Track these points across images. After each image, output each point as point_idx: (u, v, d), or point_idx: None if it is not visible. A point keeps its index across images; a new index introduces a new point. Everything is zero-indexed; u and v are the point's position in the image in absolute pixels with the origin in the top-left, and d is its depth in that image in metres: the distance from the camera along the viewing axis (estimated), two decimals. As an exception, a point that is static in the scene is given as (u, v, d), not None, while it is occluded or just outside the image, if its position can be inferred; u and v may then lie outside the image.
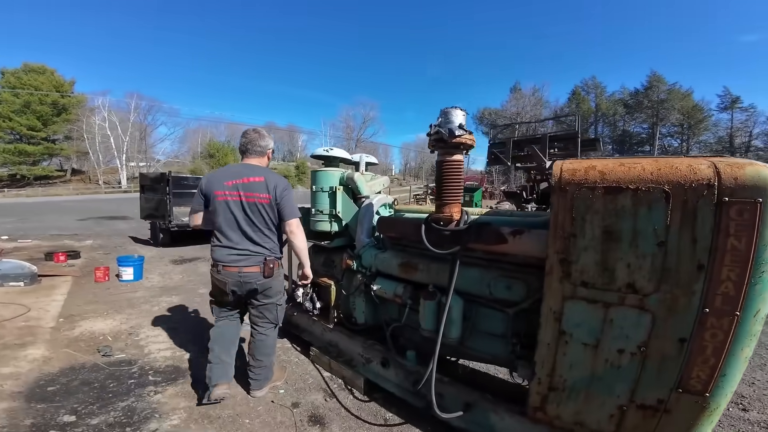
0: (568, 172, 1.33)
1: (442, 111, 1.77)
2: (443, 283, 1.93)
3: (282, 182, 2.04)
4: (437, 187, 1.82)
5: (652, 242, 1.18)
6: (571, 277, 1.34)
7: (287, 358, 2.77)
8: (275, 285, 2.10)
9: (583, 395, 1.38)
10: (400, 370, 2.14)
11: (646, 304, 1.21)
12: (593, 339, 1.33)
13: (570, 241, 1.33)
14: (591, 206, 1.28)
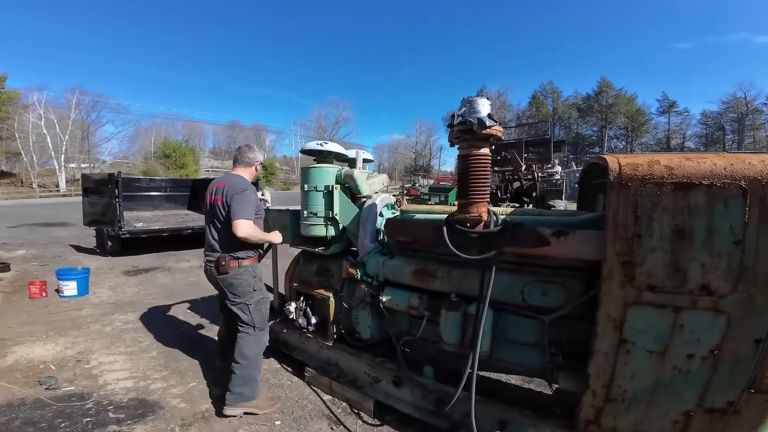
0: (629, 167, 1.20)
1: (466, 100, 1.58)
2: (467, 292, 1.75)
3: (237, 186, 2.07)
4: (461, 184, 1.62)
5: (728, 241, 1.08)
6: (636, 281, 1.21)
7: (278, 381, 2.42)
8: (236, 283, 2.08)
9: (644, 404, 1.27)
10: (417, 389, 1.91)
11: (721, 305, 1.11)
12: (660, 346, 1.21)
13: (634, 241, 1.19)
14: (659, 203, 1.15)
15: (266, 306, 2.20)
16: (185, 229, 6.83)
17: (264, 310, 2.17)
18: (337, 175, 2.30)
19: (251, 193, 2.08)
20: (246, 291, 2.09)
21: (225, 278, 2.07)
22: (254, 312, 2.11)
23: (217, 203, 2.08)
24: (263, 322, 2.16)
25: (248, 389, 2.03)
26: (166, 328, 3.34)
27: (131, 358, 2.71)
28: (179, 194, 9.87)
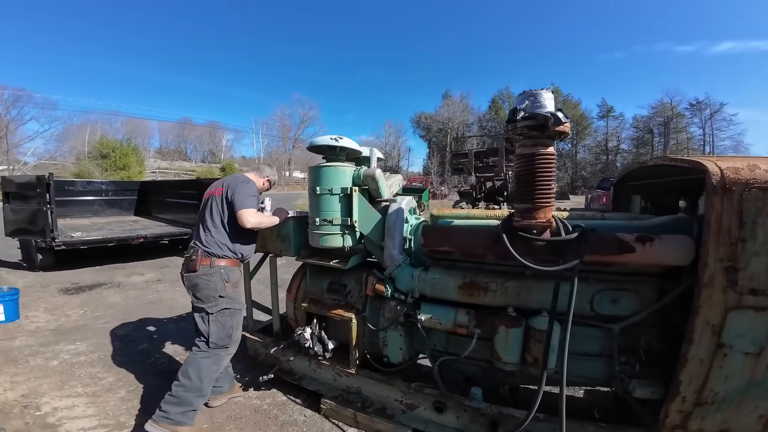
0: (731, 171, 1.12)
1: (527, 93, 1.42)
2: (525, 304, 1.59)
3: (240, 179, 2.04)
4: (524, 187, 1.46)
5: (834, 244, 1.03)
6: (738, 286, 1.13)
7: (289, 417, 2.06)
8: (201, 284, 1.88)
9: (735, 404, 1.23)
10: (465, 413, 1.71)
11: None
12: (757, 347, 1.17)
13: (738, 246, 1.11)
14: (763, 208, 1.08)
15: (234, 320, 1.95)
16: (135, 239, 5.92)
17: (228, 324, 1.93)
18: (355, 175, 1.99)
19: (254, 187, 2.03)
20: (210, 296, 1.88)
21: (190, 276, 1.89)
22: (213, 323, 1.89)
23: (214, 194, 2.00)
24: (223, 338, 1.91)
25: (179, 414, 1.80)
26: (131, 359, 2.75)
27: (94, 401, 2.16)
28: (124, 198, 8.67)
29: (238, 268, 2.02)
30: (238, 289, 2.00)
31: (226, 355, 1.97)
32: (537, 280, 1.56)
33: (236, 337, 1.99)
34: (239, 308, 2.00)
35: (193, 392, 1.84)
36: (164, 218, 7.79)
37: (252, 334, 2.51)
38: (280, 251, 2.26)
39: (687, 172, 1.36)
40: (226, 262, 1.92)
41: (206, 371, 1.87)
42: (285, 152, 50.84)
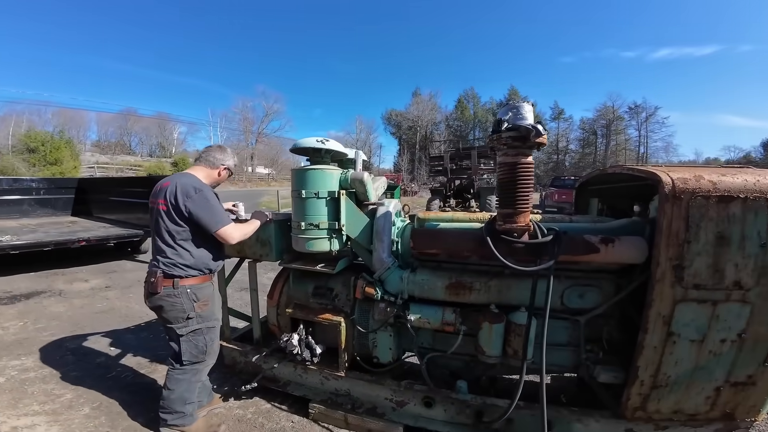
0: (680, 181, 1.32)
1: (510, 105, 1.53)
2: (505, 301, 1.73)
3: (188, 188, 1.74)
4: (506, 193, 1.58)
5: (756, 244, 1.28)
6: (684, 281, 1.34)
7: (276, 424, 2.02)
8: (166, 306, 1.76)
9: (684, 386, 1.45)
10: (452, 406, 1.82)
11: (747, 297, 1.32)
12: (700, 335, 1.38)
13: (684, 247, 1.32)
14: (705, 214, 1.29)
15: (208, 336, 1.87)
16: (75, 242, 5.30)
17: (201, 343, 1.84)
18: (342, 179, 1.99)
19: (210, 193, 1.80)
20: (177, 317, 1.77)
21: (153, 299, 1.76)
22: (185, 343, 1.81)
23: (158, 208, 1.76)
24: (197, 355, 1.85)
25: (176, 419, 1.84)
26: (89, 374, 2.52)
27: (57, 419, 1.98)
28: (59, 197, 7.69)
29: (210, 283, 1.89)
30: (212, 305, 1.88)
31: (204, 367, 1.91)
32: (516, 278, 1.70)
33: (213, 350, 1.92)
34: (213, 325, 1.90)
35: (178, 402, 1.82)
36: (109, 219, 7.05)
37: (229, 343, 2.41)
38: (260, 256, 2.18)
39: (641, 179, 1.57)
40: (193, 280, 1.78)
41: (186, 383, 1.84)
42: (247, 147, 48.08)
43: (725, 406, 1.46)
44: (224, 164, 1.95)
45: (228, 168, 1.98)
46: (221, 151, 1.97)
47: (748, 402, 1.46)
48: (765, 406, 1.48)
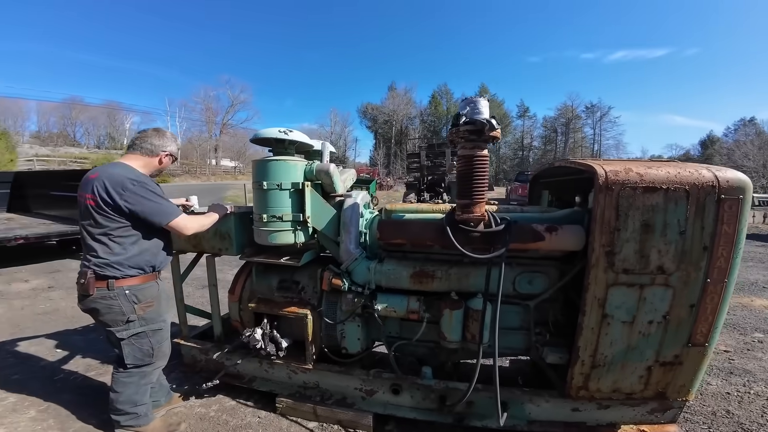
0: (612, 173, 1.45)
1: (468, 100, 1.61)
2: (464, 289, 1.82)
3: (123, 179, 1.58)
4: (464, 185, 1.65)
5: (676, 231, 1.44)
6: (615, 266, 1.49)
7: (242, 420, 1.99)
8: (102, 309, 1.63)
9: (619, 366, 1.59)
10: (418, 392, 1.90)
11: (669, 281, 1.48)
12: (630, 317, 1.53)
13: (615, 234, 1.46)
14: (633, 204, 1.44)
15: (154, 339, 1.76)
16: (11, 240, 4.87)
17: (146, 346, 1.74)
18: (307, 170, 1.95)
19: (150, 184, 1.65)
20: (116, 320, 1.65)
21: (85, 302, 1.63)
22: (127, 347, 1.70)
23: (86, 202, 1.59)
24: (142, 359, 1.74)
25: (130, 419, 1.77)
26: (33, 377, 2.37)
27: (1, 422, 1.86)
28: None
29: (155, 282, 1.76)
30: (157, 306, 1.76)
31: (153, 369, 1.81)
32: (474, 266, 1.79)
33: (162, 352, 1.82)
34: (159, 327, 1.78)
35: (128, 404, 1.74)
36: (50, 215, 6.50)
37: (188, 341, 2.33)
38: (219, 250, 2.11)
39: (582, 172, 1.71)
40: (132, 281, 1.65)
41: (134, 386, 1.75)
42: (210, 138, 45.49)
43: (657, 385, 1.62)
44: (165, 150, 1.77)
45: (170, 154, 1.81)
46: (159, 135, 1.78)
47: (677, 381, 1.59)
48: (693, 385, 1.61)
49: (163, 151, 1.77)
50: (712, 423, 2.01)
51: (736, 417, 2.06)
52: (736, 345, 3.02)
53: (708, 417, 2.07)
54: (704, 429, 1.96)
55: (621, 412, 1.74)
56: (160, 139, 1.77)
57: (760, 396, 2.26)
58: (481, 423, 1.81)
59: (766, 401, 2.21)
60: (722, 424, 2.00)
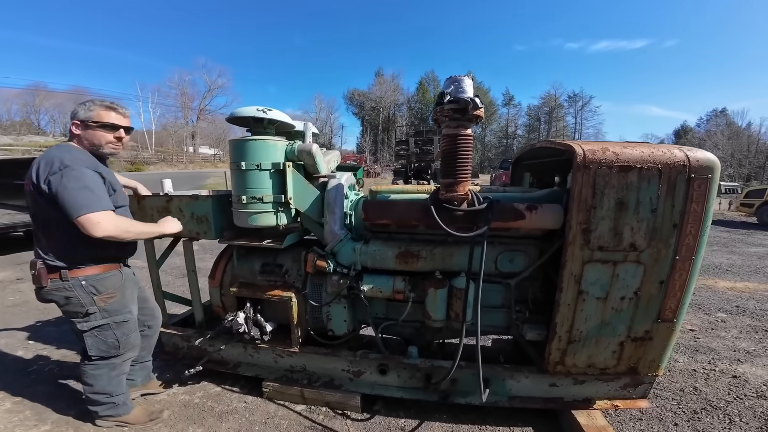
0: (590, 152, 1.49)
1: (453, 79, 1.59)
2: (448, 268, 1.85)
3: (52, 164, 1.43)
4: (448, 164, 1.65)
5: (648, 209, 1.50)
6: (590, 244, 1.54)
7: (228, 406, 1.98)
8: (60, 301, 1.56)
9: (594, 341, 1.67)
10: (404, 371, 1.94)
11: (641, 258, 1.55)
12: (604, 293, 1.60)
13: (591, 212, 1.51)
14: (608, 182, 1.48)
15: (119, 331, 1.66)
16: None
17: (110, 338, 1.65)
18: (288, 150, 1.89)
19: (82, 171, 1.43)
20: (75, 312, 1.57)
21: (41, 293, 1.55)
22: (90, 339, 1.62)
23: (26, 188, 1.50)
24: (107, 351, 1.66)
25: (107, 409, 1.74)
26: (6, 369, 2.31)
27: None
28: None
29: (118, 272, 1.66)
30: (120, 297, 1.65)
31: (122, 360, 1.73)
32: (457, 245, 1.82)
33: (129, 343, 1.73)
34: (125, 319, 1.67)
35: (103, 395, 1.69)
36: (15, 205, 6.11)
37: (168, 328, 2.27)
38: (196, 234, 2.03)
39: (561, 153, 1.74)
40: (88, 270, 1.54)
41: (105, 378, 1.70)
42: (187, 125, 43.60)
43: (629, 360, 1.70)
44: (73, 120, 1.54)
45: (78, 122, 1.53)
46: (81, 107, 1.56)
47: (648, 356, 1.66)
48: (663, 361, 1.68)
49: (72, 122, 1.54)
50: (681, 399, 2.09)
51: (703, 394, 2.14)
52: (701, 324, 3.22)
53: (677, 393, 2.15)
54: (674, 405, 2.04)
55: (596, 388, 1.83)
56: (75, 108, 1.57)
57: (725, 374, 2.39)
58: (465, 400, 1.87)
59: (731, 378, 2.33)
60: (690, 400, 2.08)
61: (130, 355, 1.77)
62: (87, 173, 1.45)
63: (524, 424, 1.87)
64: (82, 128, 1.54)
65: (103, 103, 1.59)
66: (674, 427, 1.87)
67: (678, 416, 1.96)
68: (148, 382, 2.06)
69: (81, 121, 1.54)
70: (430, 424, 1.86)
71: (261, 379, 2.07)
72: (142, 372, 2.00)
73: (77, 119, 1.54)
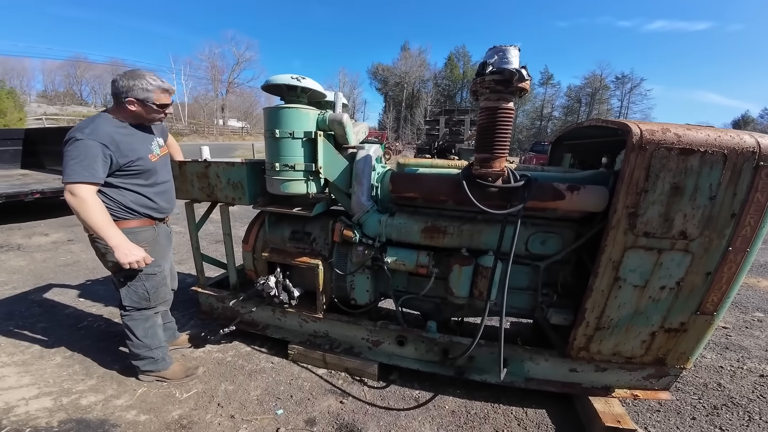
0: (648, 132, 1.36)
1: (497, 48, 1.47)
2: (475, 246, 1.81)
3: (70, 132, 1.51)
4: (485, 138, 1.57)
5: (706, 196, 1.37)
6: (636, 229, 1.44)
7: (256, 365, 2.12)
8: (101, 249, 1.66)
9: (624, 329, 1.61)
10: (422, 344, 1.97)
11: (690, 247, 1.44)
12: (643, 281, 1.51)
13: (641, 196, 1.40)
14: (665, 165, 1.36)
15: (148, 284, 1.77)
16: (28, 194, 4.94)
17: (140, 289, 1.76)
18: (320, 119, 1.88)
19: (85, 143, 1.45)
20: (111, 262, 1.65)
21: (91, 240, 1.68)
22: (123, 289, 1.75)
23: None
24: (138, 302, 1.78)
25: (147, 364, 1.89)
26: (59, 325, 2.49)
27: (28, 370, 1.96)
28: (5, 149, 7.18)
29: (152, 227, 1.75)
30: (151, 250, 1.72)
31: (153, 313, 1.85)
32: (487, 224, 1.77)
33: (160, 296, 1.84)
34: (153, 272, 1.76)
35: (142, 348, 1.82)
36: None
37: (205, 289, 2.42)
38: (231, 200, 2.10)
39: (612, 133, 1.61)
40: (125, 224, 1.64)
41: (141, 330, 1.83)
42: (216, 97, 44.48)
43: (658, 351, 1.64)
44: (129, 96, 1.54)
45: (134, 100, 1.55)
46: (129, 77, 1.56)
47: (679, 348, 1.60)
48: (694, 354, 1.62)
49: (127, 97, 1.55)
50: (703, 394, 2.04)
51: (727, 390, 2.07)
52: (735, 322, 3.02)
53: (699, 388, 2.09)
54: (695, 399, 2.00)
55: (617, 376, 1.79)
56: (127, 80, 1.55)
57: (753, 372, 2.28)
58: (481, 377, 1.89)
59: (758, 377, 2.22)
60: (712, 396, 2.02)
61: (162, 308, 1.90)
62: (88, 144, 1.47)
63: (538, 405, 1.87)
64: (138, 106, 1.59)
65: (156, 82, 1.61)
66: (692, 421, 1.82)
67: (697, 410, 1.91)
68: (175, 340, 2.22)
69: (139, 100, 1.57)
70: (444, 398, 1.90)
71: (287, 342, 2.18)
72: (167, 332, 2.15)
73: (135, 98, 1.56)
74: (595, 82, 48.44)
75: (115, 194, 1.62)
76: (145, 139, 1.70)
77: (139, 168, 1.64)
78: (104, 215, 1.52)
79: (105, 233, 1.51)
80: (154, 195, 1.74)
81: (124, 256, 1.54)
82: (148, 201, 1.71)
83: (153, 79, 1.60)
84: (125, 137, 1.59)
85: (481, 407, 1.85)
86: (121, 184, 1.62)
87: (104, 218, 1.52)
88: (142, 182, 1.67)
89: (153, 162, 1.71)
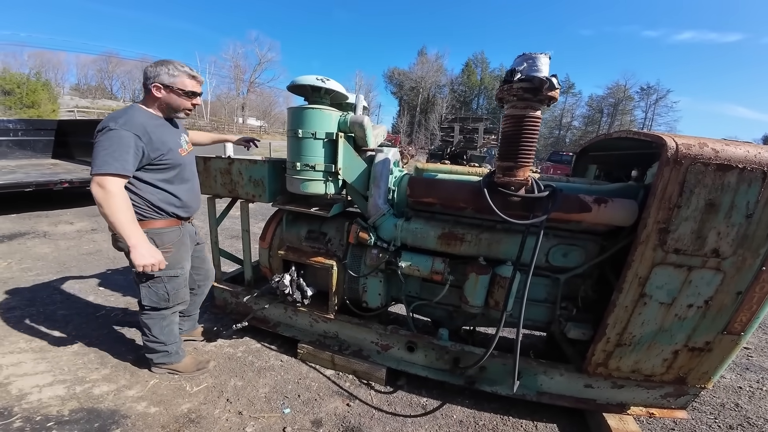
0: (684, 146, 1.30)
1: (525, 56, 1.45)
2: (494, 255, 1.77)
3: (102, 123, 1.49)
4: (509, 146, 1.55)
5: (742, 214, 1.30)
6: (666, 245, 1.38)
7: (266, 362, 2.13)
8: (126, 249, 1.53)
9: (646, 347, 1.54)
10: (432, 351, 1.94)
11: (722, 265, 1.37)
12: (670, 299, 1.45)
13: (674, 211, 1.34)
14: (701, 180, 1.30)
15: (170, 285, 1.75)
16: (57, 183, 5.14)
17: (161, 291, 1.73)
18: (341, 121, 1.89)
19: (119, 133, 1.44)
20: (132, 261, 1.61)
21: (114, 240, 1.64)
22: (144, 289, 1.72)
23: None
24: (158, 302, 1.76)
25: (161, 357, 1.91)
26: (78, 313, 2.55)
27: (44, 357, 2.01)
28: (38, 139, 7.44)
29: (178, 228, 1.73)
30: (176, 252, 1.72)
31: (170, 313, 1.84)
32: (506, 233, 1.73)
33: (179, 297, 1.82)
34: (176, 274, 1.74)
35: (157, 344, 1.84)
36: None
37: (220, 284, 2.46)
38: (252, 197, 2.13)
39: (643, 145, 1.55)
40: (153, 224, 1.62)
41: (157, 327, 1.83)
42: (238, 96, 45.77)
43: (680, 370, 1.57)
44: (155, 82, 1.55)
45: (160, 85, 1.55)
46: (157, 64, 1.57)
47: (701, 368, 1.56)
48: (716, 374, 1.57)
49: (153, 83, 1.54)
50: (719, 414, 1.99)
51: (744, 411, 2.03)
52: (757, 343, 2.89)
53: (716, 408, 2.04)
54: (711, 419, 1.94)
55: (634, 393, 1.72)
56: (155, 67, 1.55)
57: None
58: (491, 388, 1.84)
59: None
60: (729, 416, 1.97)
61: (179, 308, 1.88)
62: (122, 135, 1.45)
63: (548, 420, 1.81)
64: (165, 91, 1.58)
65: (183, 68, 1.61)
66: (706, 440, 1.73)
67: (712, 429, 1.86)
68: (192, 331, 2.26)
69: (165, 85, 1.56)
70: (452, 407, 1.86)
71: (296, 341, 2.19)
72: (188, 323, 2.19)
73: (161, 83, 1.56)
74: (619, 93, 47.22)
75: (142, 191, 1.59)
76: (175, 133, 1.72)
77: (169, 162, 1.62)
78: (129, 212, 1.48)
79: (126, 230, 1.45)
80: (182, 192, 1.72)
81: (140, 257, 1.48)
82: (176, 199, 1.69)
83: (180, 65, 1.60)
84: (157, 128, 1.58)
85: (490, 419, 1.81)
86: (150, 180, 1.60)
87: (128, 215, 1.47)
88: (170, 177, 1.66)
89: (182, 156, 1.72)
